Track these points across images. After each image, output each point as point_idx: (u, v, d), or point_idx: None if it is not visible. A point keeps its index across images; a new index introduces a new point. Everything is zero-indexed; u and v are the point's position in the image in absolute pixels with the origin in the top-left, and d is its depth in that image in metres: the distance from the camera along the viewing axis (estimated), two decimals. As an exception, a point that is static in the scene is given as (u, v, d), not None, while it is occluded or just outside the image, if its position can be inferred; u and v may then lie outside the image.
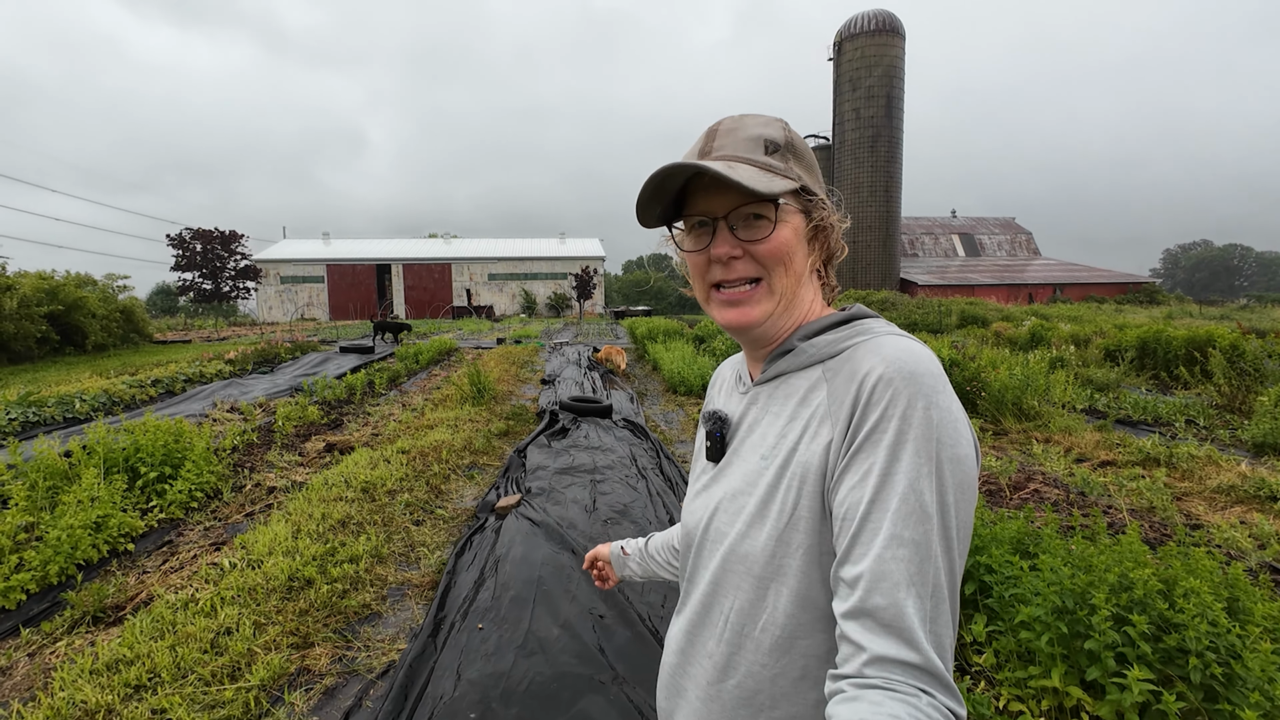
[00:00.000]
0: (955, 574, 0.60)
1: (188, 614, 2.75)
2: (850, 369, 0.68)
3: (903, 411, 0.61)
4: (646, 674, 2.29)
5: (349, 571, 3.18)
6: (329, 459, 5.57)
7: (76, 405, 7.70)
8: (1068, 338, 11.71)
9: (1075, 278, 44.38)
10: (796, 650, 0.68)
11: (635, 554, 1.13)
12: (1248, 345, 7.89)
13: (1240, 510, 3.96)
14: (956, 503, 0.60)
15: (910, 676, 0.55)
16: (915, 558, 0.58)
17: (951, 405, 0.63)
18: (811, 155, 0.77)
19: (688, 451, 5.88)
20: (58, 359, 15.52)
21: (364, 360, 13.64)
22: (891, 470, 0.60)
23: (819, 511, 0.66)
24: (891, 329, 0.72)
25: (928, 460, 0.60)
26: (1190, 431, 5.97)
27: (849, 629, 0.59)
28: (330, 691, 2.35)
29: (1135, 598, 1.71)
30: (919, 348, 0.67)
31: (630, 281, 67.99)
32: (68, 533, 3.27)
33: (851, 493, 0.62)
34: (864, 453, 0.62)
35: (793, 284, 0.74)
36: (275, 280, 46.67)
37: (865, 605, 0.58)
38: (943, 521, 0.59)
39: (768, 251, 0.72)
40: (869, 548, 0.59)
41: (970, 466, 0.62)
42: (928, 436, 0.60)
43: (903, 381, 0.63)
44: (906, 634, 0.56)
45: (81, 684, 2.26)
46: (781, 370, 0.76)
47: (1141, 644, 1.60)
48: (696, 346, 12.86)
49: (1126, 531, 3.50)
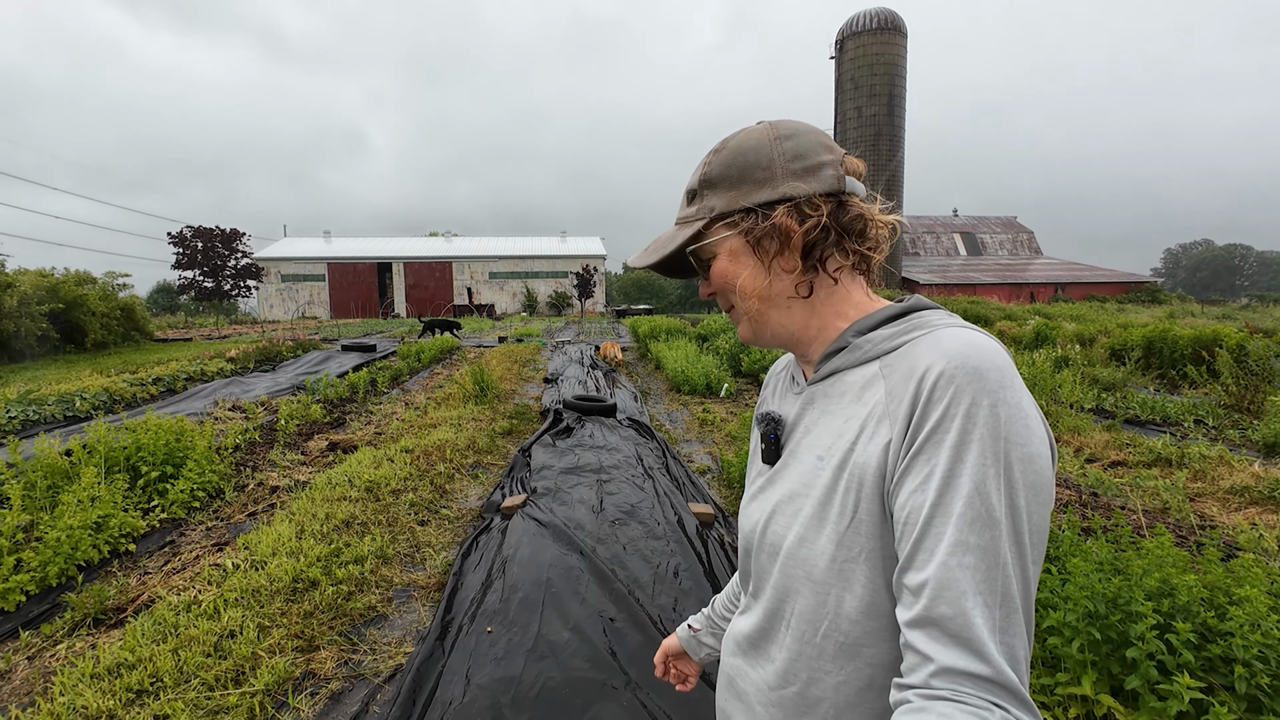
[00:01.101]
0: (1029, 581, 0.57)
1: (190, 616, 2.70)
2: (909, 365, 0.65)
3: (966, 409, 0.58)
4: (661, 680, 2.24)
5: (354, 573, 3.13)
6: (332, 458, 5.52)
7: (77, 403, 7.65)
8: (1073, 337, 11.65)
9: (1077, 277, 44.30)
10: (862, 659, 0.66)
11: (705, 625, 1.06)
12: (1255, 345, 7.83)
13: (1255, 511, 3.90)
14: (1028, 505, 0.57)
15: (981, 690, 0.52)
16: (983, 564, 0.55)
17: (1021, 401, 0.59)
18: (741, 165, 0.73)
19: (693, 451, 5.82)
20: (58, 357, 15.47)
21: (366, 359, 13.60)
22: (955, 472, 0.57)
23: (879, 514, 0.64)
24: (953, 320, 0.68)
25: (995, 460, 0.57)
26: (1200, 431, 5.92)
27: (914, 638, 0.56)
28: (336, 696, 2.30)
29: (1178, 604, 1.65)
30: (984, 340, 0.63)
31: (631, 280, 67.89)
32: (68, 533, 3.22)
33: (913, 496, 0.59)
34: (925, 454, 0.59)
35: (755, 304, 0.75)
36: (276, 278, 46.60)
37: (931, 614, 0.55)
38: (1013, 525, 0.56)
39: (718, 287, 0.78)
40: (933, 554, 0.56)
41: (1044, 466, 0.59)
42: (995, 435, 0.57)
43: (966, 378, 0.59)
44: (976, 645, 0.53)
45: (82, 689, 2.21)
46: (836, 368, 0.73)
47: (1185, 652, 1.54)
48: (699, 345, 12.80)
49: (1146, 533, 3.44)
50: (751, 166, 0.73)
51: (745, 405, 7.82)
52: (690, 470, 4.94)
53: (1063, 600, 1.77)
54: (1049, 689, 1.89)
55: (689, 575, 3.07)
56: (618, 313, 19.98)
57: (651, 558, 3.27)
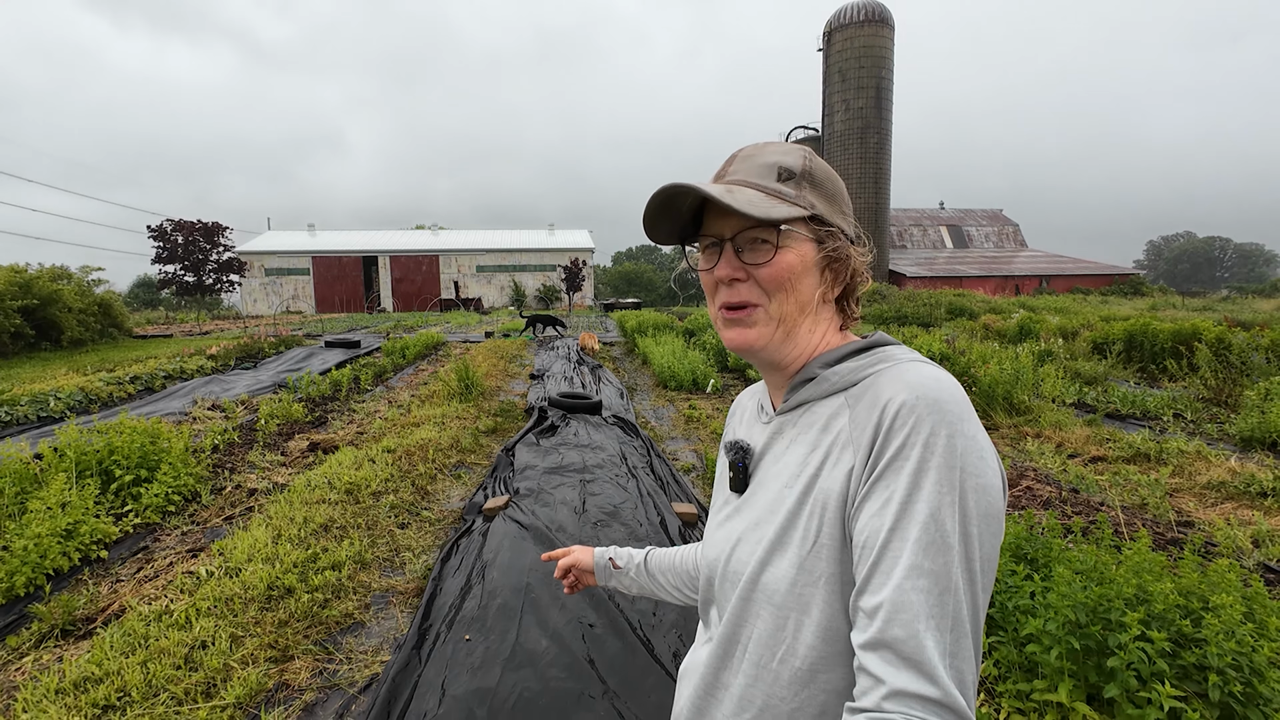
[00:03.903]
0: (978, 606, 0.59)
1: (161, 627, 2.64)
2: (872, 396, 0.67)
3: (925, 439, 0.60)
4: (637, 687, 2.22)
5: (331, 579, 3.08)
6: (312, 459, 5.44)
7: (51, 404, 7.49)
8: (1056, 331, 11.75)
9: (1061, 269, 44.76)
10: (817, 684, 0.67)
11: (631, 569, 1.10)
12: (1234, 339, 7.93)
13: (1231, 506, 3.95)
14: (980, 533, 0.59)
15: (930, 712, 0.54)
16: (936, 589, 0.57)
17: (977, 434, 0.62)
18: (835, 187, 0.76)
19: (679, 449, 5.81)
20: (33, 354, 15.17)
21: (350, 355, 13.45)
22: (913, 498, 0.59)
23: (840, 539, 0.65)
24: (914, 356, 0.71)
25: (951, 489, 0.59)
26: (1178, 426, 5.99)
27: (868, 661, 0.58)
28: (310, 708, 2.26)
29: (1154, 612, 1.65)
30: (943, 375, 0.66)
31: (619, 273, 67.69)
32: (35, 541, 3.14)
33: (872, 520, 0.61)
34: (885, 480, 0.61)
35: (794, 311, 0.74)
36: (260, 272, 46.00)
37: (884, 637, 0.57)
38: (965, 552, 0.58)
39: (768, 276, 0.73)
40: (888, 577, 0.58)
41: (995, 496, 0.61)
42: (951, 465, 0.59)
43: (926, 409, 0.62)
44: (927, 667, 0.55)
45: (46, 705, 2.15)
46: (804, 399, 0.75)
47: (1159, 661, 1.55)
48: (687, 340, 12.78)
49: (1125, 532, 3.46)
50: (839, 194, 0.76)
51: (731, 401, 7.82)
52: (675, 469, 4.92)
53: (1044, 607, 1.77)
54: (1025, 695, 1.89)
55: (671, 578, 3.05)
56: (605, 306, 19.86)
57: (633, 560, 3.24)
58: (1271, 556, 3.13)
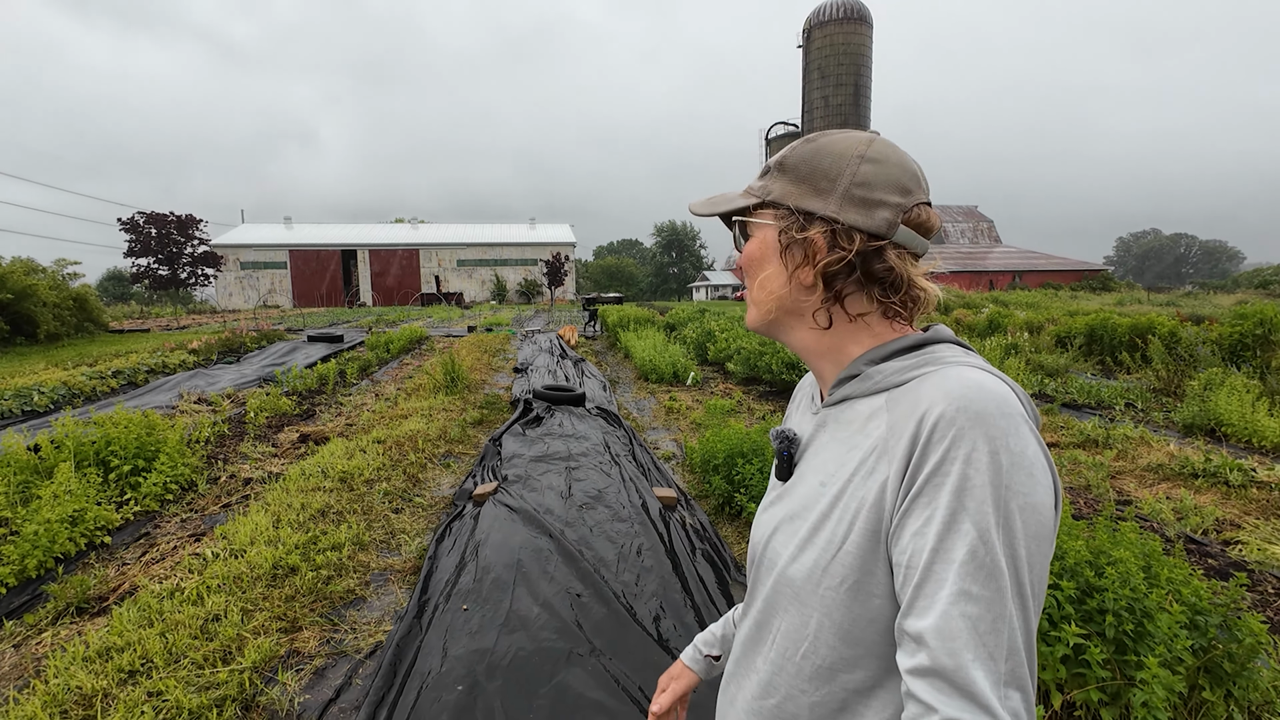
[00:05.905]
0: (1030, 631, 0.57)
1: (174, 602, 2.82)
2: (912, 402, 0.64)
3: (966, 455, 0.57)
4: (621, 646, 2.46)
5: (332, 559, 3.27)
6: (304, 450, 5.60)
7: (35, 398, 7.52)
8: (1023, 325, 12.21)
9: (1034, 265, 45.85)
10: (837, 683, 0.67)
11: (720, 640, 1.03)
12: (1184, 332, 8.39)
13: (1166, 486, 4.30)
14: (1030, 554, 0.57)
15: None
16: (987, 615, 0.55)
17: (1025, 449, 0.59)
18: (812, 168, 0.72)
19: (659, 438, 6.05)
20: (8, 349, 14.95)
21: (334, 349, 13.48)
22: (956, 519, 0.57)
23: (867, 548, 0.64)
24: (967, 358, 0.67)
25: (996, 508, 0.56)
26: (1129, 414, 6.37)
27: (916, 688, 0.56)
28: (320, 671, 2.47)
29: (1066, 566, 1.93)
30: (991, 383, 0.62)
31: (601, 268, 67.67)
32: (45, 526, 3.29)
33: (914, 540, 0.59)
34: (925, 497, 0.59)
35: (764, 295, 0.75)
36: (235, 266, 45.33)
37: (933, 665, 0.55)
38: (1015, 575, 0.56)
39: (742, 263, 0.80)
40: (933, 601, 0.56)
41: (1045, 514, 0.58)
42: (995, 483, 0.56)
43: (967, 421, 0.58)
44: (980, 698, 0.53)
45: (75, 670, 2.33)
46: (846, 395, 0.74)
47: (1067, 606, 1.82)
48: (667, 334, 13.03)
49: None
50: (820, 173, 0.71)
51: (710, 393, 8.08)
52: (655, 456, 5.17)
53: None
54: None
55: (651, 554, 3.29)
56: (587, 300, 20.04)
57: (616, 539, 3.48)
58: (1193, 528, 3.47)
